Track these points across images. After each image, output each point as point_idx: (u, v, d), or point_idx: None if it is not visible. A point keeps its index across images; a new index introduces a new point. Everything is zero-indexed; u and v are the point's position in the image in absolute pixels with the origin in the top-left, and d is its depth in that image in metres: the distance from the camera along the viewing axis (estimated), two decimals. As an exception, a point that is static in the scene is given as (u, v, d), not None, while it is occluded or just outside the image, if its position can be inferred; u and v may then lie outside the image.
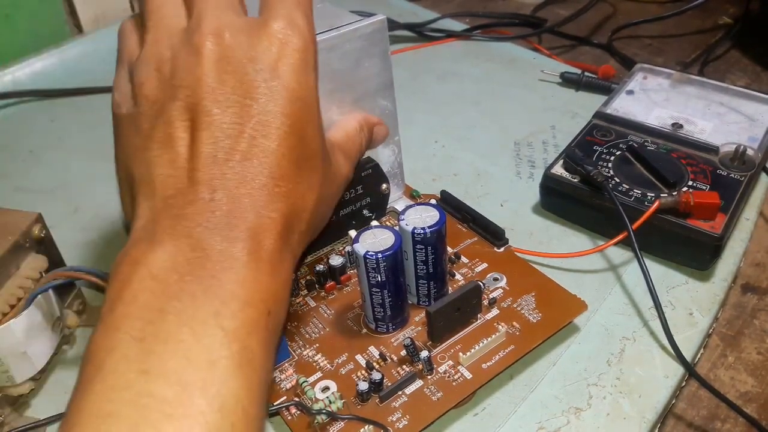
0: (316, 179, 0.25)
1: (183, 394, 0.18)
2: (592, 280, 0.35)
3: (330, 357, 0.30)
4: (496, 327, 0.31)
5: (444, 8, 0.71)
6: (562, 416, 0.29)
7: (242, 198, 0.22)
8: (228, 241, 0.21)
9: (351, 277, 0.34)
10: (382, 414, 0.27)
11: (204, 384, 0.18)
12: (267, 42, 0.23)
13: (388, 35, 0.32)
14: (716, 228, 0.34)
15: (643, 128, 0.41)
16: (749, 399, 0.32)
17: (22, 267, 0.29)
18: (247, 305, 0.20)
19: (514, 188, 0.42)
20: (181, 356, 0.19)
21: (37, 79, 0.58)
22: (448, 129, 0.49)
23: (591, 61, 0.61)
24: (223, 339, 0.19)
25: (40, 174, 0.46)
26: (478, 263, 0.34)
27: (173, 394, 0.18)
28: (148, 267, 0.20)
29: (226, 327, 0.20)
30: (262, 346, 0.21)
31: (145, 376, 0.18)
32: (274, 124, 0.23)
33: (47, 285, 0.28)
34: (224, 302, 0.20)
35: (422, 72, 0.56)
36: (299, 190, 0.24)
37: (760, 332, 0.36)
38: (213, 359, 0.19)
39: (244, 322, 0.20)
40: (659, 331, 0.32)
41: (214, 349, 0.19)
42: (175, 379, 0.18)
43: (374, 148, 0.34)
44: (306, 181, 0.24)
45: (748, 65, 0.61)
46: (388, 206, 0.37)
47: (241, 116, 0.22)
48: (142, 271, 0.20)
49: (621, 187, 0.37)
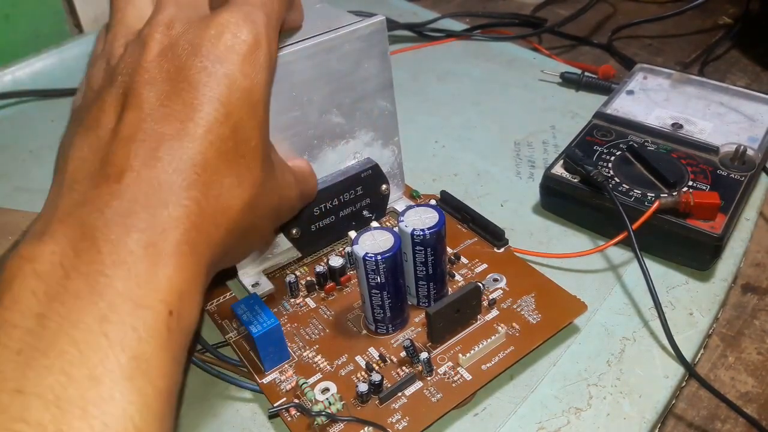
0: (250, 179, 0.23)
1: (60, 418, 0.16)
2: (592, 280, 0.35)
3: (330, 358, 0.30)
4: (495, 328, 0.31)
5: (444, 8, 0.71)
6: (562, 416, 0.29)
7: (151, 181, 0.20)
8: (125, 230, 0.19)
9: (351, 278, 0.34)
10: (382, 415, 0.27)
11: (85, 404, 0.16)
12: (215, 30, 0.22)
13: (387, 36, 0.32)
14: (716, 228, 0.34)
15: (643, 128, 0.41)
16: (749, 399, 0.32)
17: (21, 268, 0.29)
18: (140, 307, 0.18)
19: (514, 188, 0.42)
20: (59, 371, 0.17)
21: (37, 79, 0.58)
22: (448, 129, 0.49)
23: (591, 61, 0.60)
24: (108, 349, 0.17)
25: (40, 174, 0.46)
26: (477, 264, 0.34)
27: (49, 418, 0.16)
28: (33, 263, 0.18)
29: (112, 335, 0.17)
30: (162, 352, 0.18)
31: (19, 397, 0.16)
32: (206, 110, 0.21)
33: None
34: (112, 304, 0.18)
35: (422, 72, 0.56)
36: (225, 184, 0.22)
37: (761, 332, 0.36)
38: (96, 374, 0.17)
39: (134, 327, 0.18)
40: (659, 331, 0.32)
41: (98, 361, 0.17)
42: (52, 400, 0.16)
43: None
44: (236, 177, 0.22)
45: (748, 65, 0.61)
46: (388, 207, 0.37)
47: (171, 98, 0.21)
48: (27, 269, 0.18)
49: (621, 187, 0.37)
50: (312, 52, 0.29)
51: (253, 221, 0.24)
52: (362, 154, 0.34)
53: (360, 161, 0.34)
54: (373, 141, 0.35)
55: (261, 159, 0.23)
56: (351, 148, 0.34)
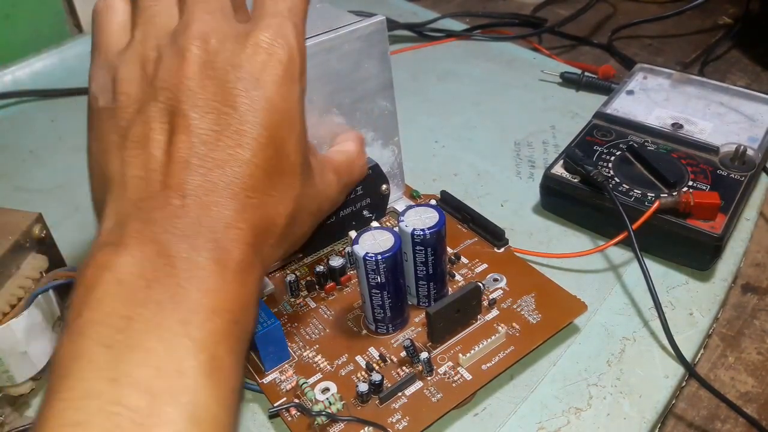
0: (291, 194, 0.24)
1: (153, 404, 0.18)
2: (592, 280, 0.35)
3: (330, 358, 0.30)
4: (495, 328, 0.31)
5: (444, 8, 0.71)
6: (562, 416, 0.29)
7: (211, 206, 0.22)
8: (194, 249, 0.21)
9: (351, 278, 0.34)
10: (382, 415, 0.27)
11: (174, 393, 0.18)
12: (252, 51, 0.23)
13: (387, 36, 0.32)
14: (716, 228, 0.34)
15: (643, 128, 0.41)
16: (749, 399, 0.32)
17: (22, 267, 0.29)
18: (214, 314, 0.20)
19: (514, 188, 0.42)
20: (150, 365, 0.18)
21: (37, 79, 0.58)
22: (448, 129, 0.49)
23: (591, 61, 0.60)
24: (191, 348, 0.19)
25: (40, 174, 0.46)
26: (477, 264, 0.34)
27: (143, 403, 0.18)
28: (114, 272, 0.20)
29: (193, 336, 0.19)
30: (230, 355, 0.21)
31: (114, 384, 0.18)
32: (251, 134, 0.22)
33: (48, 285, 0.28)
34: (191, 311, 0.20)
35: (422, 72, 0.56)
36: (271, 203, 0.23)
37: (760, 332, 0.36)
38: (182, 368, 0.19)
39: (211, 331, 0.20)
40: (659, 331, 0.32)
41: (183, 357, 0.19)
42: (144, 388, 0.18)
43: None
44: (280, 194, 0.24)
45: (748, 65, 0.61)
46: (388, 207, 0.37)
47: (219, 123, 0.22)
48: (108, 276, 0.20)
49: (621, 187, 0.37)
50: (312, 52, 0.29)
51: (299, 227, 0.26)
52: (362, 154, 0.34)
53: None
54: (373, 141, 0.35)
55: (300, 173, 0.25)
56: (351, 148, 0.34)
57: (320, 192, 0.28)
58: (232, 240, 0.22)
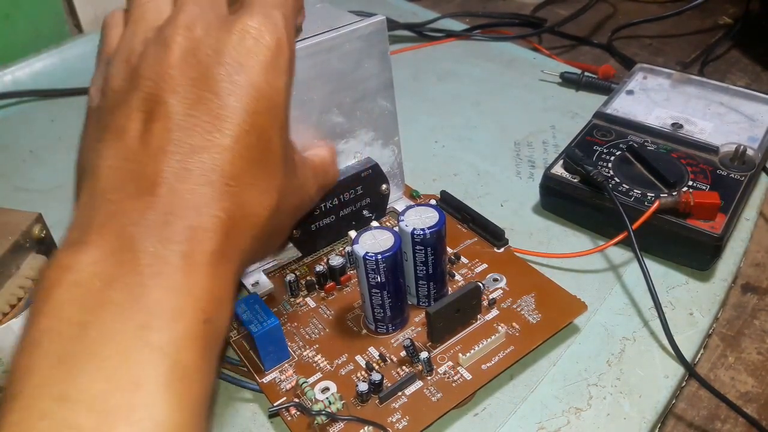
0: (274, 185, 0.23)
1: (104, 424, 0.16)
2: (592, 280, 0.35)
3: (330, 358, 0.30)
4: (495, 328, 0.31)
5: (444, 8, 0.71)
6: (562, 416, 0.29)
7: (184, 194, 0.20)
8: (162, 242, 0.19)
9: (351, 277, 0.34)
10: (382, 415, 0.27)
11: (129, 409, 0.17)
12: (238, 36, 0.22)
13: (387, 36, 0.32)
14: (716, 228, 0.34)
15: (643, 128, 0.41)
16: (749, 399, 0.32)
17: (22, 267, 0.29)
18: (179, 315, 0.19)
19: (514, 188, 0.42)
20: (103, 378, 0.17)
21: (37, 79, 0.58)
22: (448, 129, 0.49)
23: (591, 61, 0.61)
24: (150, 356, 0.18)
25: (40, 174, 0.46)
26: (477, 264, 0.34)
27: (94, 423, 0.16)
28: (73, 272, 0.18)
29: (153, 342, 0.18)
30: (199, 358, 0.19)
31: (64, 403, 0.17)
32: (232, 120, 0.21)
33: (47, 285, 0.28)
34: (152, 313, 0.18)
35: (422, 72, 0.56)
36: (252, 192, 0.22)
37: (760, 332, 0.36)
38: (138, 380, 0.17)
39: (174, 335, 0.18)
40: (659, 331, 0.32)
41: (140, 368, 0.17)
42: (96, 406, 0.17)
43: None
44: (262, 184, 0.23)
45: (748, 65, 0.61)
46: (388, 206, 0.37)
47: (198, 109, 0.21)
48: (68, 278, 0.18)
49: (621, 187, 0.37)
50: (312, 52, 0.29)
51: (276, 224, 0.24)
52: (362, 153, 0.35)
53: (360, 161, 0.34)
54: (373, 141, 0.35)
55: (283, 163, 0.24)
56: (351, 147, 0.34)
57: (301, 186, 0.27)
58: (206, 230, 0.20)
